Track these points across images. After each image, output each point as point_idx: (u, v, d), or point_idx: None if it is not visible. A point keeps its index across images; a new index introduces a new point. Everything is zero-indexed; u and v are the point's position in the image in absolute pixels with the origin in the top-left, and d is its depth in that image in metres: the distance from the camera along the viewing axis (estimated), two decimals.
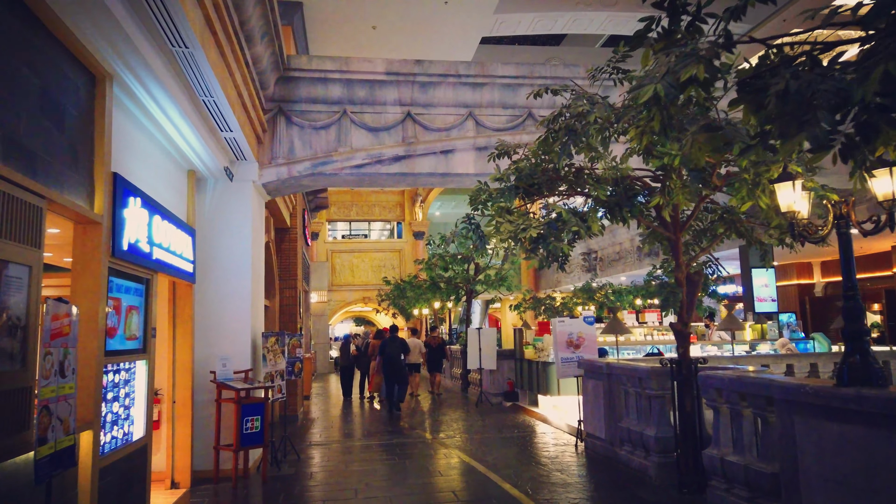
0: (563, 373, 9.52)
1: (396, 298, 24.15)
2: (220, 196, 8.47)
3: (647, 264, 21.40)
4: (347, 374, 17.84)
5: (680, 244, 6.89)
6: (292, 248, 13.79)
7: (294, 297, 13.69)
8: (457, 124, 9.27)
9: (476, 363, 14.89)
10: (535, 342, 14.18)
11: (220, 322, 8.27)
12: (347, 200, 32.60)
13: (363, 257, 32.36)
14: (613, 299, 23.91)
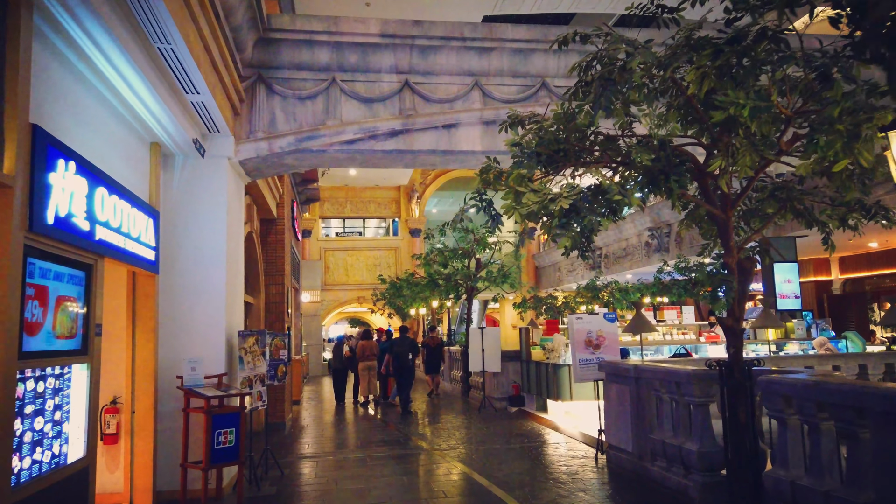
0: (580, 376, 8.44)
1: (392, 297, 23.05)
2: (190, 174, 7.36)
3: (656, 260, 20.36)
4: (340, 378, 16.74)
5: (731, 224, 5.80)
6: (279, 241, 12.70)
7: (281, 294, 12.59)
8: (461, 95, 8.18)
9: (479, 365, 13.81)
10: (542, 342, 13.12)
11: (190, 319, 7.16)
12: (341, 197, 31.48)
13: (358, 255, 31.24)
14: (619, 297, 22.88)
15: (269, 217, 12.45)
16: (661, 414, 6.94)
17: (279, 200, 12.75)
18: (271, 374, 8.40)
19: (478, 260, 16.91)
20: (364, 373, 15.82)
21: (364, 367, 15.76)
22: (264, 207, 11.66)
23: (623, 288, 23.28)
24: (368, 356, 15.64)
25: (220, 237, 7.37)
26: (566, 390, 11.06)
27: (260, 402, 7.83)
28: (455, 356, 18.46)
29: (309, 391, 20.18)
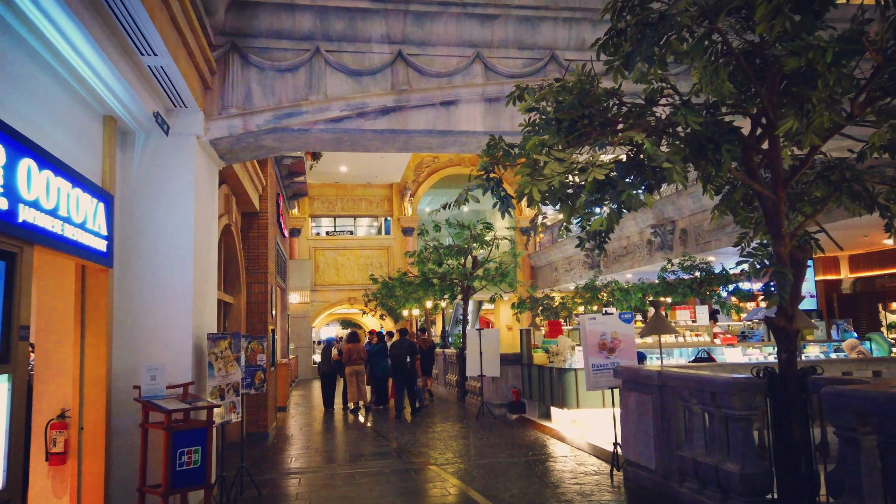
0: (594, 383, 7.57)
1: (384, 298, 22.14)
2: (153, 155, 6.44)
3: (659, 259, 19.55)
4: (329, 383, 15.82)
5: (782, 206, 4.93)
6: (262, 236, 11.78)
7: (264, 294, 11.67)
8: (461, 68, 7.30)
9: (476, 370, 12.92)
10: (545, 345, 12.26)
11: (151, 320, 6.24)
12: (332, 195, 30.54)
13: (349, 255, 30.31)
14: (620, 297, 22.05)
15: (250, 210, 11.54)
16: (691, 428, 6.08)
17: (262, 192, 11.83)
18: (247, 382, 7.49)
19: (474, 258, 16.03)
20: (351, 378, 14.94)
21: (351, 372, 14.88)
22: (245, 199, 10.75)
23: (623, 288, 22.48)
24: (355, 360, 14.75)
25: (188, 227, 6.46)
26: (572, 397, 10.20)
27: (233, 415, 6.92)
28: (450, 359, 17.57)
29: (297, 396, 19.24)
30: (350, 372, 14.89)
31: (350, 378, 14.94)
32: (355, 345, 15.02)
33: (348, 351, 14.89)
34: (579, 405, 10.18)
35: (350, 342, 15.12)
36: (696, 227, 17.60)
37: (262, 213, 11.82)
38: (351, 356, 14.80)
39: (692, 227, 17.84)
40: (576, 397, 10.19)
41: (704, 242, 17.27)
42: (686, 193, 17.47)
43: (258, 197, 11.71)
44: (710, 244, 17.05)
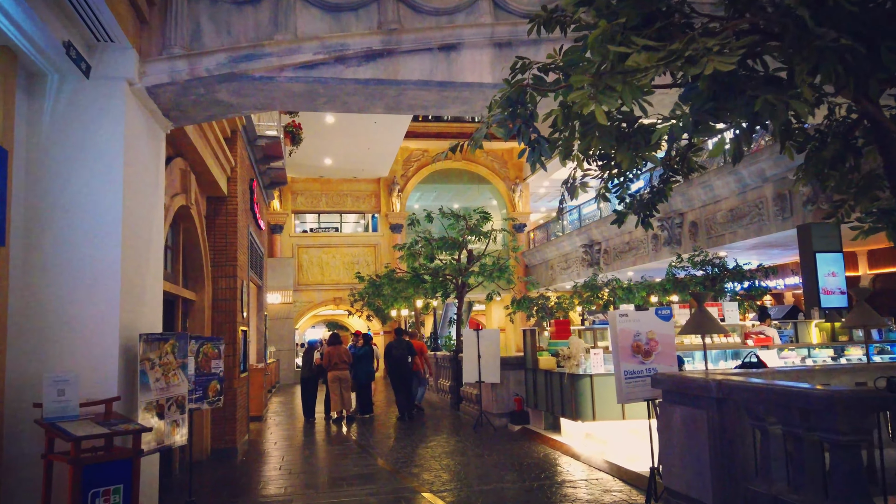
0: (627, 395, 6.18)
1: (371, 297, 20.69)
2: (69, 103, 4.99)
3: (666, 254, 18.27)
4: (309, 389, 14.36)
5: None
6: (230, 224, 10.32)
7: (234, 290, 10.22)
8: (464, 4, 5.91)
9: (474, 375, 11.52)
10: (551, 347, 10.88)
11: (60, 315, 4.79)
12: (316, 189, 29.03)
13: (334, 253, 28.82)
14: (622, 296, 20.76)
15: (217, 194, 10.08)
16: (766, 455, 4.71)
17: (230, 174, 10.37)
18: (198, 396, 6.05)
19: (469, 251, 14.63)
20: (334, 384, 13.50)
21: (333, 378, 13.44)
22: (208, 180, 9.30)
23: (625, 286, 21.18)
24: (338, 365, 13.32)
25: (114, 196, 5.01)
26: (587, 407, 8.83)
27: (177, 436, 5.47)
28: (442, 363, 16.16)
29: (277, 404, 17.74)
30: (332, 378, 13.46)
31: (332, 384, 13.51)
32: (337, 347, 13.60)
33: (329, 354, 13.46)
34: (595, 417, 8.81)
35: (332, 344, 13.70)
36: (708, 219, 16.30)
37: (231, 198, 10.36)
38: (332, 360, 13.36)
39: (703, 220, 16.55)
40: (591, 408, 8.82)
41: (717, 236, 15.97)
42: (697, 182, 16.18)
43: (226, 179, 10.26)
44: (723, 237, 15.76)
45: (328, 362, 13.40)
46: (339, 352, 13.47)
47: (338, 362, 13.33)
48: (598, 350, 9.12)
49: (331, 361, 13.39)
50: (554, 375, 9.86)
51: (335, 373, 13.38)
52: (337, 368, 13.36)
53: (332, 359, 13.34)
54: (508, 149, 30.37)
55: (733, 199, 15.28)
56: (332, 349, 13.48)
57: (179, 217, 8.51)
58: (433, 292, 15.04)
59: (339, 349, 13.51)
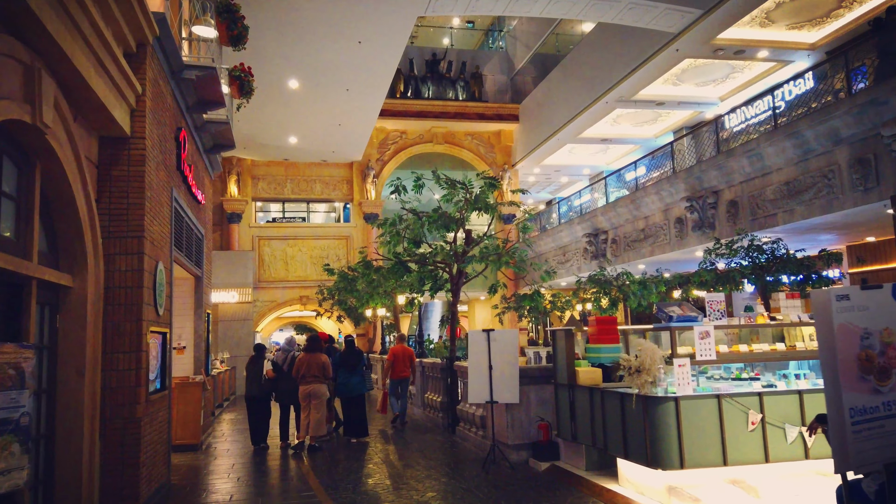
0: (858, 456, 3.13)
1: (343, 292, 17.51)
2: None
3: (693, 241, 15.40)
4: (258, 410, 11.04)
5: None
6: (135, 178, 7.08)
7: (138, 275, 6.98)
8: None
9: (483, 392, 8.40)
10: (590, 353, 7.88)
11: None
12: (280, 174, 25.69)
13: (300, 246, 25.50)
14: (636, 291, 17.87)
15: (113, 133, 6.86)
16: None
17: (135, 106, 7.14)
18: None
19: (467, 232, 11.51)
20: (305, 401, 10.36)
21: (305, 394, 10.31)
22: (94, 107, 6.09)
23: (639, 280, 18.31)
24: (306, 378, 10.22)
25: None
26: (670, 447, 5.81)
27: None
28: (430, 372, 13.04)
29: (227, 423, 14.41)
30: (305, 394, 10.26)
31: (304, 402, 10.32)
32: (313, 355, 10.40)
33: (302, 364, 10.30)
34: (684, 462, 5.79)
35: (308, 350, 10.50)
36: (754, 196, 13.43)
37: (137, 141, 7.13)
38: (301, 370, 10.25)
39: (746, 197, 13.69)
40: (678, 448, 5.80)
41: (765, 216, 13.10)
42: (740, 152, 13.31)
43: (128, 113, 7.03)
44: (774, 217, 12.89)
45: (298, 372, 10.26)
46: (317, 360, 10.31)
47: (305, 374, 10.18)
48: (684, 360, 6.09)
49: (302, 372, 10.23)
50: (607, 397, 6.81)
51: (307, 387, 10.25)
52: (309, 381, 10.22)
53: (301, 369, 10.18)
54: (496, 131, 27.40)
55: (790, 169, 12.44)
56: (308, 358, 10.29)
57: (30, 150, 5.29)
58: (420, 284, 11.89)
59: (315, 357, 10.32)
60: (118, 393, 6.73)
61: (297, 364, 10.39)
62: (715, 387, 6.32)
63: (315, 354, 10.46)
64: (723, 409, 5.97)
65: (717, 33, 15.54)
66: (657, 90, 19.49)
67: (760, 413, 6.02)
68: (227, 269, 23.26)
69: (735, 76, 18.80)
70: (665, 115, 21.90)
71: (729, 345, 7.62)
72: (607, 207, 19.12)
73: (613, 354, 7.95)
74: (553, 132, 22.86)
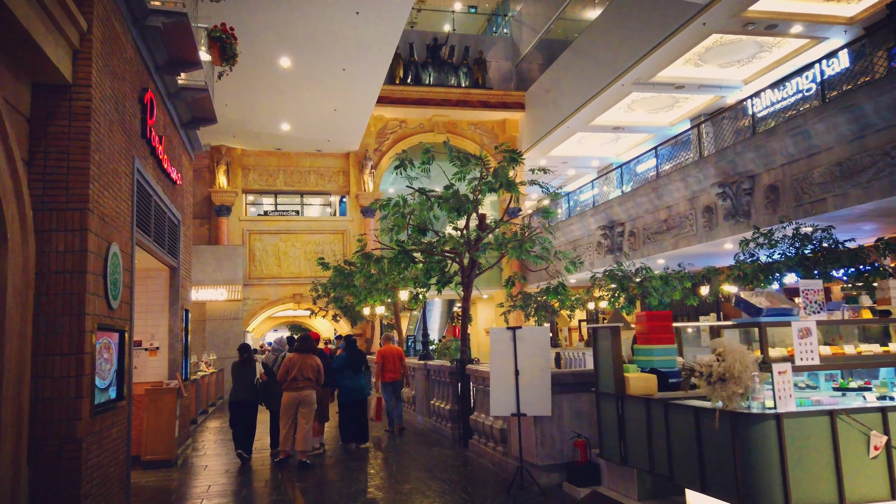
0: None
1: (339, 288, 16.11)
2: None
3: (726, 231, 14.00)
4: (244, 416, 9.71)
5: None
6: (78, 136, 5.65)
7: (81, 257, 5.55)
8: None
9: (508, 403, 6.97)
10: (639, 356, 6.49)
11: None
12: (272, 164, 24.23)
13: (294, 241, 24.05)
14: (658, 287, 16.46)
15: (49, 80, 5.44)
16: None
17: (79, 46, 5.71)
18: None
19: (481, 216, 10.09)
20: (289, 410, 8.98)
21: (294, 401, 8.96)
22: (18, 38, 4.67)
23: (661, 275, 16.91)
24: (297, 381, 8.88)
25: None
26: (772, 480, 4.40)
27: None
28: (436, 376, 11.62)
29: (211, 432, 12.96)
30: (289, 401, 8.90)
31: (287, 410, 8.95)
32: (304, 356, 9.04)
33: (292, 365, 8.93)
34: (790, 500, 4.37)
35: (300, 350, 9.13)
36: (799, 179, 12.04)
37: (81, 90, 5.69)
38: (292, 372, 8.89)
39: (789, 181, 12.30)
40: (781, 482, 4.38)
41: (812, 202, 11.71)
42: (783, 131, 11.92)
43: (68, 54, 5.59)
44: (823, 203, 11.49)
45: (285, 377, 8.90)
46: (307, 362, 8.94)
47: (297, 377, 8.81)
48: (785, 366, 4.68)
49: (292, 376, 8.86)
50: (673, 411, 5.39)
51: (295, 393, 8.88)
52: (298, 386, 8.86)
53: (292, 371, 8.80)
54: (500, 121, 26.00)
55: (842, 147, 11.05)
56: (296, 358, 8.93)
57: None
58: (426, 277, 10.47)
59: (306, 359, 8.96)
60: (53, 406, 5.30)
61: (287, 365, 9.00)
62: (816, 399, 4.91)
63: (308, 356, 9.09)
64: (837, 429, 4.57)
65: (749, 4, 14.16)
66: (677, 72, 18.10)
67: (885, 434, 4.61)
68: (216, 265, 21.83)
69: (762, 56, 17.43)
70: (683, 100, 20.53)
71: None
72: (625, 197, 17.72)
73: (668, 357, 6.56)
74: (563, 119, 21.47)
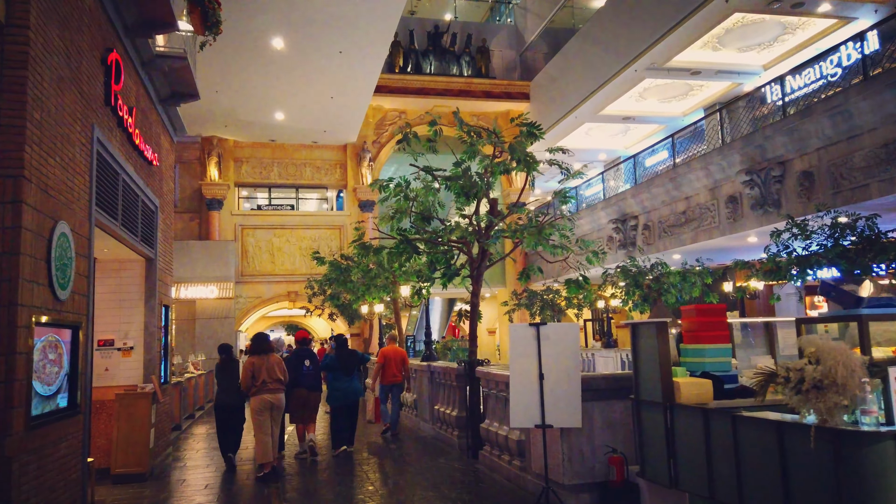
0: None
1: (335, 284, 15.11)
2: None
3: (753, 222, 12.99)
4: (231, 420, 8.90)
5: None
6: (12, 86, 4.61)
7: (12, 235, 4.50)
8: None
9: (533, 414, 5.92)
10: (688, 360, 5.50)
11: None
12: (266, 157, 23.20)
13: (288, 236, 23.02)
14: (676, 283, 15.45)
15: None
16: None
17: None
18: None
19: (492, 201, 9.06)
20: (261, 416, 8.07)
21: (261, 407, 8.07)
22: None
23: (681, 271, 15.90)
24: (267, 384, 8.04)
25: None
26: None
27: None
28: (441, 379, 10.59)
29: (196, 440, 11.91)
30: (262, 407, 8.00)
31: (260, 416, 8.04)
32: (264, 358, 8.19)
33: (256, 369, 8.06)
34: None
35: (258, 352, 8.29)
36: (837, 164, 11.01)
37: (15, 31, 4.66)
38: (260, 377, 8.00)
39: (825, 167, 11.28)
40: None
41: (853, 188, 10.69)
42: (819, 112, 10.91)
43: None
44: (866, 189, 10.48)
45: (250, 380, 8.00)
46: (270, 363, 8.07)
47: (267, 380, 7.93)
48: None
49: (257, 379, 7.97)
50: (744, 424, 4.36)
51: (264, 396, 7.98)
52: (267, 390, 7.97)
53: (260, 376, 7.90)
54: (504, 111, 24.94)
55: (888, 128, 10.05)
56: (258, 360, 8.05)
57: None
58: (430, 270, 9.44)
59: (269, 361, 8.09)
60: None
61: (250, 370, 8.17)
62: None
63: (269, 356, 8.34)
64: None
65: None
66: (694, 56, 17.10)
67: None
68: (206, 261, 20.80)
69: (784, 39, 16.43)
70: (697, 88, 19.51)
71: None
72: (639, 188, 16.71)
73: (723, 359, 5.56)
74: (571, 109, 20.45)
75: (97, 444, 8.84)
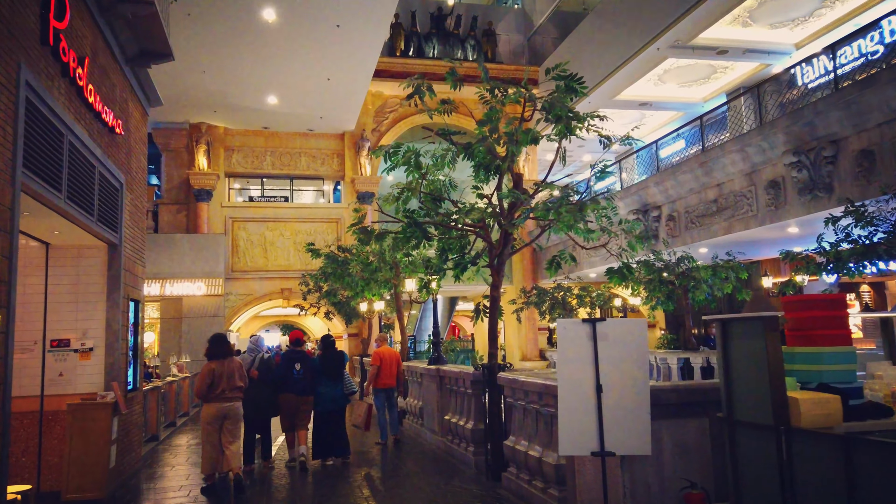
0: None
1: (332, 279, 13.76)
2: None
3: (798, 209, 11.65)
4: None
5: None
6: None
7: None
8: None
9: (588, 437, 4.55)
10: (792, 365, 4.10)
11: None
12: (258, 145, 21.80)
13: (282, 230, 21.62)
14: (706, 278, 14.12)
15: None
16: None
17: None
18: None
19: (517, 176, 7.69)
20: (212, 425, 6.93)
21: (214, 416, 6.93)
22: None
23: (708, 266, 14.56)
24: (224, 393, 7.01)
25: None
26: None
27: None
28: (454, 385, 9.22)
29: (172, 453, 10.51)
30: (215, 416, 6.88)
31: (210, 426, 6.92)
32: (227, 363, 7.09)
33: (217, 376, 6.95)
34: None
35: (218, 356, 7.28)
36: None
37: None
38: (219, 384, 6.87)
39: (888, 144, 9.94)
40: None
41: None
42: (885, 80, 9.58)
43: None
44: None
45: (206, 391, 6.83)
46: (231, 370, 6.92)
47: (226, 388, 6.82)
48: None
49: (215, 388, 6.79)
50: None
51: (218, 405, 6.79)
52: (225, 397, 6.81)
53: (220, 384, 6.73)
54: None
55: None
56: (218, 366, 6.96)
57: None
58: (442, 259, 8.07)
59: (230, 366, 6.97)
60: None
61: (208, 376, 7.14)
62: None
63: (230, 361, 7.30)
64: None
65: None
66: (722, 32, 15.79)
67: None
68: (194, 256, 19.42)
69: (821, 13, 15.13)
70: (721, 70, 18.20)
71: None
72: (663, 175, 15.36)
73: (846, 367, 4.23)
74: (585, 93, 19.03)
75: (49, 463, 7.50)
